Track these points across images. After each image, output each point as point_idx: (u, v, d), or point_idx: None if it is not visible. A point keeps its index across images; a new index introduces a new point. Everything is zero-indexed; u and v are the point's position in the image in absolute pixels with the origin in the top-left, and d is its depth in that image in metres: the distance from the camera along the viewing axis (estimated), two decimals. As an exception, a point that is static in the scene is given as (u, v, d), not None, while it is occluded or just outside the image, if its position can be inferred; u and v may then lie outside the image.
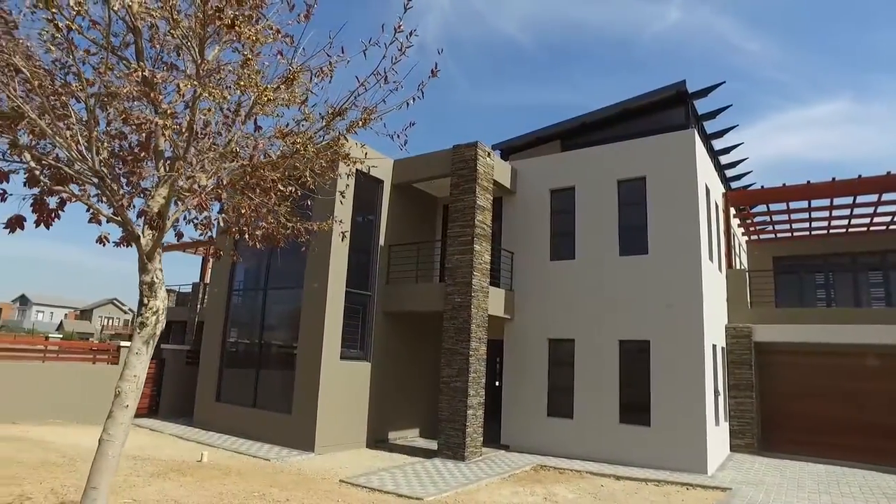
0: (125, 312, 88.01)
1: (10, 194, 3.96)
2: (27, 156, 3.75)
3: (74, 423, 13.73)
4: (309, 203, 4.99)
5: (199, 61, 3.60)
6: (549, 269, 14.17)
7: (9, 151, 3.84)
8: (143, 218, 4.12)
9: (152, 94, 3.73)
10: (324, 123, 4.12)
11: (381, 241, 14.10)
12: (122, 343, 15.70)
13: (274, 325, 14.27)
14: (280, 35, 4.00)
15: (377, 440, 13.46)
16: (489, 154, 13.66)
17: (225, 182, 3.73)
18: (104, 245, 4.22)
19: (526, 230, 14.65)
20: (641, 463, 11.90)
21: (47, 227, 4.00)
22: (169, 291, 24.61)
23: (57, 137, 3.50)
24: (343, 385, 12.69)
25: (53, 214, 4.06)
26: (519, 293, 14.45)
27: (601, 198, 13.74)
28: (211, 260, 24.58)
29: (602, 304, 13.24)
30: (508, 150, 17.11)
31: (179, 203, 3.96)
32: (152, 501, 7.53)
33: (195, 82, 3.54)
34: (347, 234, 6.00)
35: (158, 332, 4.25)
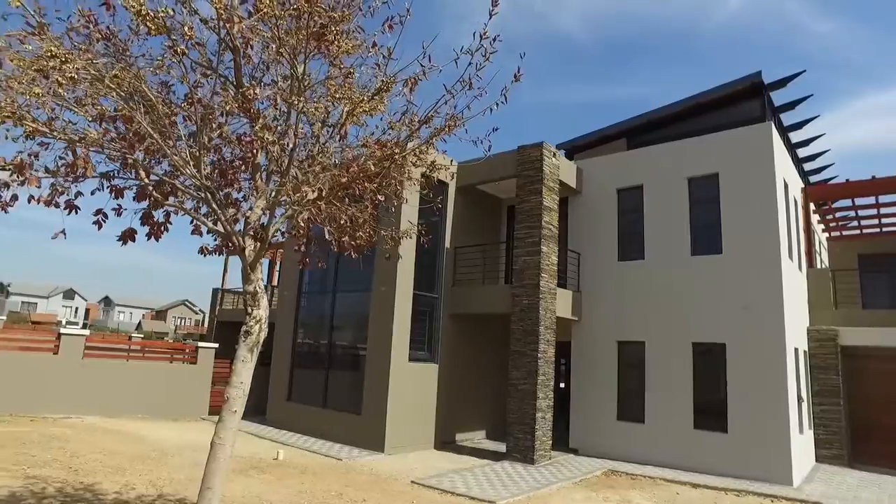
0: (195, 313, 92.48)
1: (125, 209, 4.24)
2: (141, 173, 4.00)
3: (160, 419, 14.53)
4: (392, 209, 5.07)
5: (300, 76, 3.74)
6: (618, 269, 13.86)
7: (123, 170, 4.11)
8: (244, 229, 4.30)
9: (252, 110, 3.91)
10: (409, 132, 4.19)
11: (447, 244, 14.19)
12: (201, 344, 16.46)
13: (342, 327, 14.61)
14: (376, 48, 4.11)
15: (444, 441, 13.55)
16: (555, 154, 13.50)
17: (324, 193, 3.85)
18: (205, 256, 4.47)
19: (593, 230, 14.39)
20: (718, 471, 11.45)
21: (157, 240, 4.26)
22: (237, 293, 25.60)
23: (174, 157, 3.72)
24: (411, 387, 12.84)
25: (162, 228, 4.33)
26: (586, 294, 14.21)
27: (670, 196, 13.33)
28: (278, 263, 25.43)
29: (673, 305, 12.84)
30: (573, 150, 16.85)
31: (280, 215, 4.09)
32: (238, 497, 7.86)
33: (299, 98, 3.68)
34: (427, 240, 6.06)
35: (262, 340, 4.42)
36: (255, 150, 4.13)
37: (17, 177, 3.41)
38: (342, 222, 4.36)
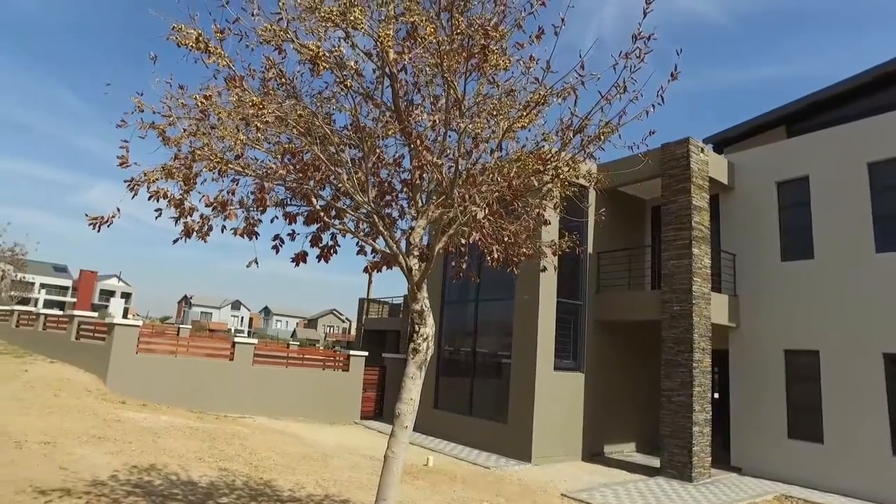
0: (342, 321, 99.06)
1: (298, 233, 4.65)
2: (312, 199, 4.36)
3: (317, 422, 15.67)
4: (549, 223, 5.01)
5: (460, 98, 3.84)
6: (781, 270, 12.53)
7: (294, 198, 4.51)
8: (408, 249, 4.50)
9: (413, 134, 4.09)
10: (563, 142, 4.11)
11: (590, 249, 13.77)
12: (352, 353, 17.52)
13: (486, 335, 14.75)
14: (533, 61, 4.11)
15: (592, 453, 13.11)
16: (702, 149, 12.58)
17: (487, 211, 3.91)
18: (370, 274, 4.75)
19: (749, 229, 13.17)
20: (925, 502, 9.84)
21: (326, 262, 4.62)
22: (382, 303, 26.94)
23: (347, 184, 4.01)
24: (557, 396, 12.61)
25: (331, 250, 4.68)
26: (745, 299, 13.02)
27: (846, 186, 11.79)
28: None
29: (854, 309, 11.30)
30: (722, 143, 15.60)
31: (445, 234, 4.21)
32: (397, 502, 8.20)
33: (461, 119, 3.79)
34: (581, 249, 5.92)
35: (429, 357, 4.58)
36: (416, 172, 4.30)
37: (220, 212, 3.88)
38: (506, 239, 4.39)
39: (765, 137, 14.54)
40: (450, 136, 4.31)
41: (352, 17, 3.53)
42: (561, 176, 4.17)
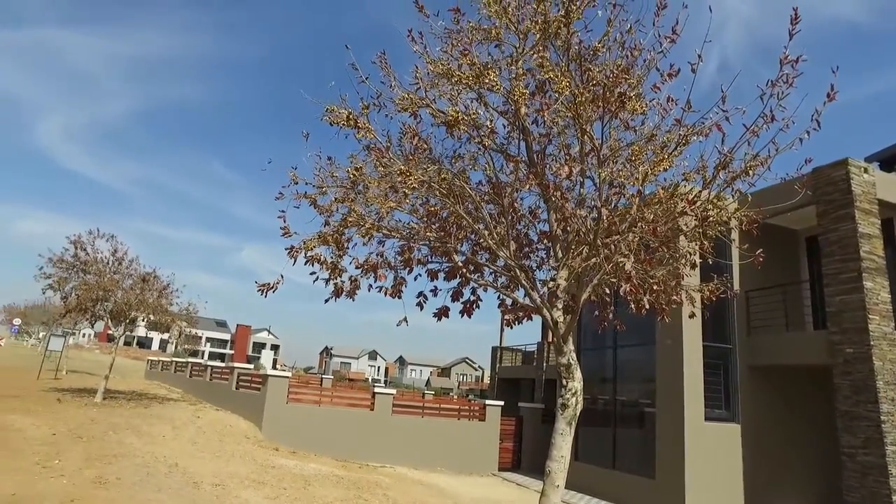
0: (475, 369, 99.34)
1: (440, 289, 4.80)
2: (454, 256, 4.50)
3: (454, 473, 15.59)
4: (696, 265, 4.72)
5: (597, 147, 3.80)
6: (985, 303, 10.61)
7: (434, 255, 4.68)
8: (550, 301, 4.45)
9: (550, 185, 4.11)
10: (706, 181, 3.88)
11: (737, 287, 12.67)
12: (488, 402, 17.40)
13: (626, 382, 13.98)
14: (672, 102, 3.99)
15: (759, 516, 11.68)
16: (865, 169, 11.23)
17: (632, 260, 3.77)
18: (511, 328, 4.78)
19: (936, 256, 11.39)
20: None
21: (469, 316, 4.71)
22: (515, 350, 26.64)
23: (489, 241, 4.11)
24: (710, 449, 11.51)
25: (473, 305, 4.76)
26: (938, 338, 11.13)
27: None
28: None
29: None
30: (890, 161, 13.84)
31: (587, 285, 4.12)
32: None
33: (600, 168, 3.76)
34: (734, 293, 5.48)
35: (578, 413, 4.44)
36: (555, 223, 4.29)
37: (371, 274, 4.15)
38: (654, 287, 4.18)
39: (943, 150, 12.71)
40: (587, 185, 4.26)
41: (486, 80, 3.68)
42: (710, 219, 3.90)
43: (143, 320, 19.05)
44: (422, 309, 4.65)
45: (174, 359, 29.59)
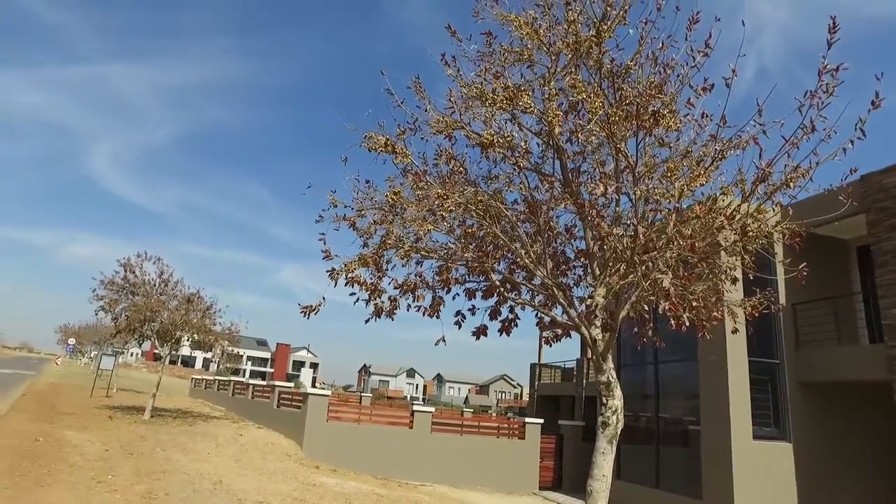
0: (514, 386, 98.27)
1: (478, 308, 4.84)
2: (491, 275, 4.55)
3: (494, 491, 15.41)
4: (736, 279, 4.63)
5: (632, 164, 3.82)
6: None
7: (471, 274, 4.73)
8: (589, 319, 4.45)
9: (586, 204, 4.13)
10: (745, 194, 3.83)
11: (783, 300, 12.28)
12: (528, 420, 17.19)
13: (668, 399, 13.65)
14: (706, 118, 3.98)
15: (815, 540, 11.16)
16: (916, 176, 10.81)
17: (671, 277, 3.74)
18: (550, 346, 4.78)
19: None
20: None
21: (507, 335, 4.73)
22: (554, 367, 26.28)
23: (526, 260, 4.16)
24: (760, 469, 11.10)
25: (512, 322, 4.79)
26: None
27: None
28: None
29: None
30: (943, 165, 13.26)
31: (626, 302, 4.11)
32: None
33: (635, 187, 3.77)
34: (782, 306, 5.35)
35: (619, 431, 4.39)
36: (592, 240, 4.29)
37: (410, 295, 4.23)
38: (694, 304, 4.13)
39: None
40: (622, 201, 4.26)
41: (521, 103, 3.74)
42: (750, 233, 3.84)
43: (187, 339, 19.61)
44: (460, 328, 4.70)
45: (217, 377, 30.29)
